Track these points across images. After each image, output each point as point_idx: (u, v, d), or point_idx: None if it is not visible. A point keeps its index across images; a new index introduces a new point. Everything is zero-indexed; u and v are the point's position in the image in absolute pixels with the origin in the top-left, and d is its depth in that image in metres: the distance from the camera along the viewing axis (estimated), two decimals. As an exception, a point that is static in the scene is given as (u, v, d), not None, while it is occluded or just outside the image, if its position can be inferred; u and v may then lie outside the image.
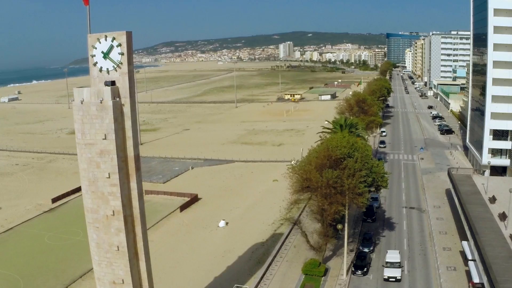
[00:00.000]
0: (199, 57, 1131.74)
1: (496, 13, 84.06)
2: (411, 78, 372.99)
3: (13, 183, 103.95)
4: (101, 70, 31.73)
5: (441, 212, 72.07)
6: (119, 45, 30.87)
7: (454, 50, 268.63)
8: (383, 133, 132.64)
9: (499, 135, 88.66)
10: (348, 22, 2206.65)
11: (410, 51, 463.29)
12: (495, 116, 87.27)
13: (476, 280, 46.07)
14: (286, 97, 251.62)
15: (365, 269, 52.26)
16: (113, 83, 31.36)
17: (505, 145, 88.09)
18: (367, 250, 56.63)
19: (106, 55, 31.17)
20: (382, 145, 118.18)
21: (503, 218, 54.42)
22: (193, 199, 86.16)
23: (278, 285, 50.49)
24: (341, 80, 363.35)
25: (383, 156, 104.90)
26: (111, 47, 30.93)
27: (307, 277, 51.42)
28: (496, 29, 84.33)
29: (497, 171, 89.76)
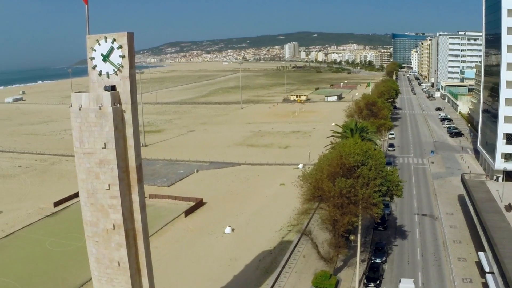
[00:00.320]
0: (204, 58, 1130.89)
1: (510, 13, 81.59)
2: (418, 79, 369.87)
3: (15, 185, 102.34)
4: (100, 74, 29.50)
5: (454, 219, 69.67)
6: (120, 47, 28.52)
7: (461, 51, 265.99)
8: (392, 136, 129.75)
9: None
10: (353, 23, 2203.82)
11: (416, 52, 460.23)
12: (508, 119, 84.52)
13: (496, 294, 43.88)
14: (292, 98, 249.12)
15: (378, 282, 49.78)
16: (113, 88, 29.12)
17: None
18: (379, 261, 54.22)
19: (106, 57, 28.87)
20: (391, 148, 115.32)
21: (521, 227, 52.18)
22: (198, 204, 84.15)
23: (287, 297, 48.39)
24: (347, 81, 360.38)
25: (392, 160, 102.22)
26: (111, 49, 28.60)
27: (318, 289, 49.12)
28: (510, 30, 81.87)
29: (510, 176, 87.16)
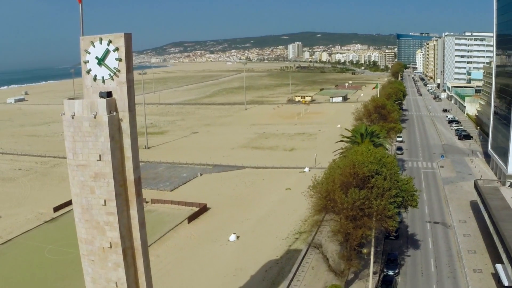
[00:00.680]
0: (208, 58, 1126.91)
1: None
2: (423, 80, 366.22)
3: (15, 189, 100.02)
4: (95, 78, 26.78)
5: (467, 227, 66.96)
6: (116, 49, 25.80)
7: (468, 51, 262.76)
8: (400, 139, 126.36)
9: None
10: (357, 23, 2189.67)
11: (421, 52, 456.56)
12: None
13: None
14: (296, 99, 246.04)
15: (391, 296, 47.33)
16: (109, 94, 26.38)
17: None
18: (392, 273, 51.52)
19: (101, 61, 26.16)
20: (399, 151, 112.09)
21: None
22: (202, 209, 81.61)
23: (296, 313, 45.83)
24: (351, 82, 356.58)
25: (401, 164, 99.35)
26: (107, 52, 25.90)
27: (328, 304, 46.56)
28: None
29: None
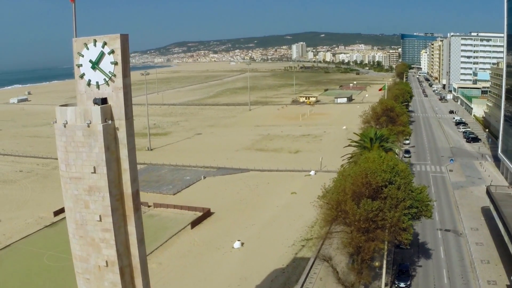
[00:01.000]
0: (211, 58, 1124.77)
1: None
2: (428, 80, 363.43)
3: (15, 192, 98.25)
4: (89, 84, 24.63)
5: (479, 235, 64.68)
6: (112, 52, 23.61)
7: (474, 52, 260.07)
8: (407, 142, 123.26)
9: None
10: (361, 23, 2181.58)
11: (426, 53, 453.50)
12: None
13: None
14: (301, 99, 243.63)
15: (404, 310, 45.11)
16: (104, 101, 24.23)
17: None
18: (404, 285, 49.33)
19: (95, 64, 24.06)
20: (407, 154, 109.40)
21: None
22: (206, 214, 79.45)
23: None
24: (356, 82, 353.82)
25: (409, 168, 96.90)
26: (102, 55, 23.74)
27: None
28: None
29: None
